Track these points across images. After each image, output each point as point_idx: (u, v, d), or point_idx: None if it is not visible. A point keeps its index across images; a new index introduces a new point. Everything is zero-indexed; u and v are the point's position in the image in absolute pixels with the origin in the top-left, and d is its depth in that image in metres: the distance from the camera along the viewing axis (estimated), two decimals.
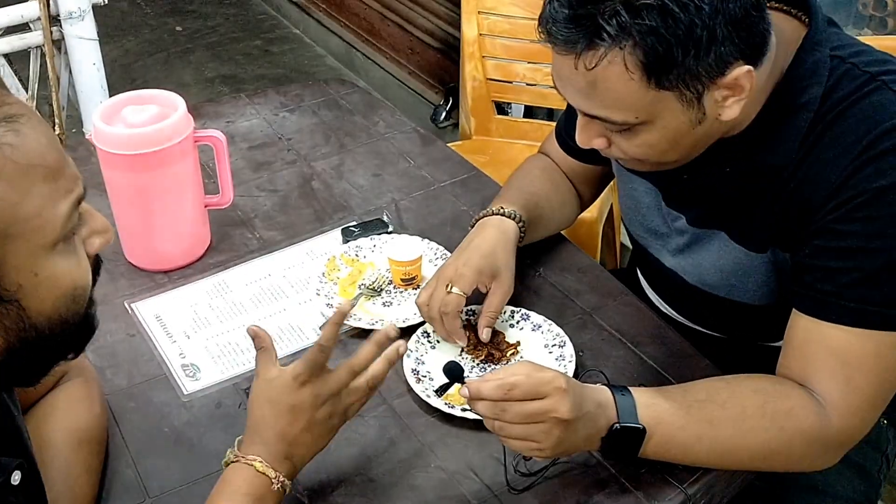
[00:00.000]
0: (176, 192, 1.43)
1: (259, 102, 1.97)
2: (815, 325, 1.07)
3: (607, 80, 1.01)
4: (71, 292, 0.80)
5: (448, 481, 1.13)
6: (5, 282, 0.74)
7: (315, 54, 4.30)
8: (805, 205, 1.08)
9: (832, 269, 1.06)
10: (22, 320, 0.77)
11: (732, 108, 1.05)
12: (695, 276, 1.29)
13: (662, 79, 1.00)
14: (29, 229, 0.74)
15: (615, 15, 0.97)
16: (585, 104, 1.07)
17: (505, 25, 2.46)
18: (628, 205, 1.37)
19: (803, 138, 1.09)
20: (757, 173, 1.13)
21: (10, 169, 0.73)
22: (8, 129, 0.73)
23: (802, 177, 1.09)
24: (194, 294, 1.43)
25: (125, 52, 4.32)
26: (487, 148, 2.52)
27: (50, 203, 0.76)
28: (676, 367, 1.27)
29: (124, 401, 1.25)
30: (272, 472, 1.01)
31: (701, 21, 0.97)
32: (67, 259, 0.79)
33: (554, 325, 1.32)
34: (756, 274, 1.21)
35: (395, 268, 1.42)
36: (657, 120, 1.05)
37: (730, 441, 1.06)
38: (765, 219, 1.14)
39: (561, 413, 0.99)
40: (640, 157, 1.11)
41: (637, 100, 1.02)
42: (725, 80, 1.02)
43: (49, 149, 0.77)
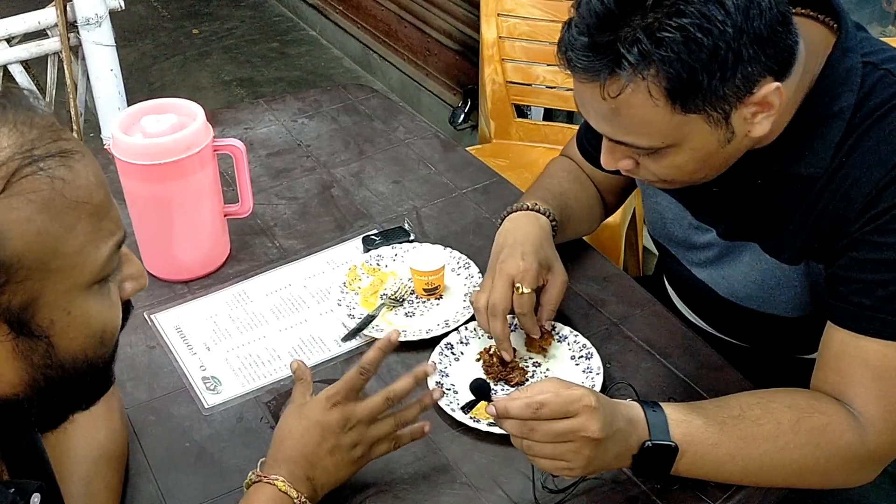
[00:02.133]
0: (195, 201, 1.42)
1: (277, 108, 1.95)
2: (851, 338, 1.05)
3: (631, 108, 0.98)
4: (100, 335, 0.79)
5: (474, 498, 1.10)
6: (38, 317, 0.74)
7: (332, 56, 4.28)
8: (840, 216, 1.06)
9: (868, 282, 1.03)
10: (49, 357, 0.76)
11: (762, 123, 1.02)
12: (726, 289, 1.26)
13: (688, 103, 0.97)
14: (69, 266, 0.74)
15: (636, 42, 0.94)
16: (610, 130, 1.04)
17: (524, 27, 2.43)
18: (653, 217, 1.34)
19: (837, 147, 1.06)
20: (789, 184, 1.10)
21: (59, 203, 0.72)
22: (61, 163, 0.73)
23: (837, 187, 1.06)
24: (214, 305, 1.42)
25: (142, 55, 4.32)
26: (508, 151, 2.50)
27: (92, 243, 0.75)
28: (707, 379, 1.24)
29: (145, 414, 1.24)
30: (294, 491, 1.01)
31: (725, 43, 0.94)
32: (101, 301, 0.78)
33: (580, 335, 1.30)
34: (789, 286, 1.18)
35: (418, 278, 1.40)
36: (685, 142, 1.02)
37: (764, 458, 1.03)
38: (798, 230, 1.12)
39: (591, 432, 0.97)
40: (669, 178, 1.09)
41: (663, 125, 0.99)
42: (754, 98, 0.99)
43: (97, 188, 0.76)
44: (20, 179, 0.70)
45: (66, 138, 0.75)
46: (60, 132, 0.75)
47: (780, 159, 1.09)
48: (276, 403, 1.25)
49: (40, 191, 0.71)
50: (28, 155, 0.71)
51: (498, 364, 1.25)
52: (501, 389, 1.24)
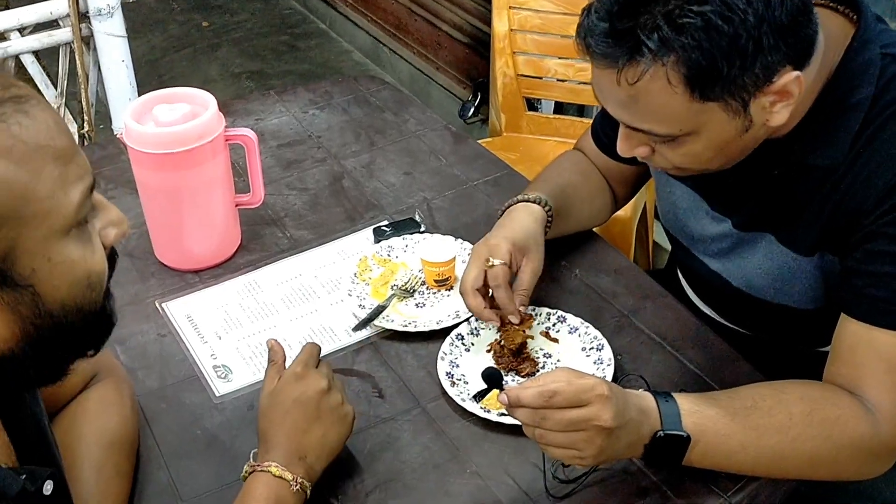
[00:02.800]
0: (206, 191, 1.42)
1: (288, 100, 1.95)
2: (865, 330, 1.04)
3: (649, 95, 0.98)
4: (86, 279, 0.79)
5: (484, 487, 1.10)
6: (19, 266, 0.74)
7: (342, 49, 4.28)
8: (856, 208, 1.05)
9: (884, 274, 1.03)
10: (37, 307, 0.76)
11: (781, 113, 1.02)
12: (740, 280, 1.26)
13: (707, 91, 0.97)
14: (41, 212, 0.74)
15: (656, 29, 0.94)
16: (627, 117, 1.04)
17: (536, 20, 2.43)
18: (667, 209, 1.33)
19: (854, 139, 1.05)
20: (806, 175, 1.10)
21: (20, 149, 0.72)
22: (16, 109, 0.73)
23: (853, 179, 1.06)
24: (225, 294, 1.42)
25: (152, 47, 4.33)
26: (518, 145, 2.50)
27: (61, 187, 0.75)
28: (719, 371, 1.24)
29: (156, 402, 1.24)
30: (289, 474, 1.01)
31: (746, 32, 0.93)
32: (82, 246, 0.78)
33: (591, 327, 1.29)
34: (803, 277, 1.17)
35: (429, 269, 1.40)
36: (702, 130, 1.02)
37: (776, 449, 1.03)
38: (814, 221, 1.11)
39: (604, 421, 0.96)
40: (685, 165, 1.09)
41: (681, 113, 0.99)
42: (773, 88, 0.99)
43: (58, 132, 0.76)
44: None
45: (18, 86, 0.75)
46: (11, 81, 0.75)
47: (797, 150, 1.09)
48: None
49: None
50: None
51: (509, 355, 1.25)
52: (512, 380, 1.24)
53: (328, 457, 1.07)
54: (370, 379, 1.27)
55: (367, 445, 1.16)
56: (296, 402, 1.05)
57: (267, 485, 1.01)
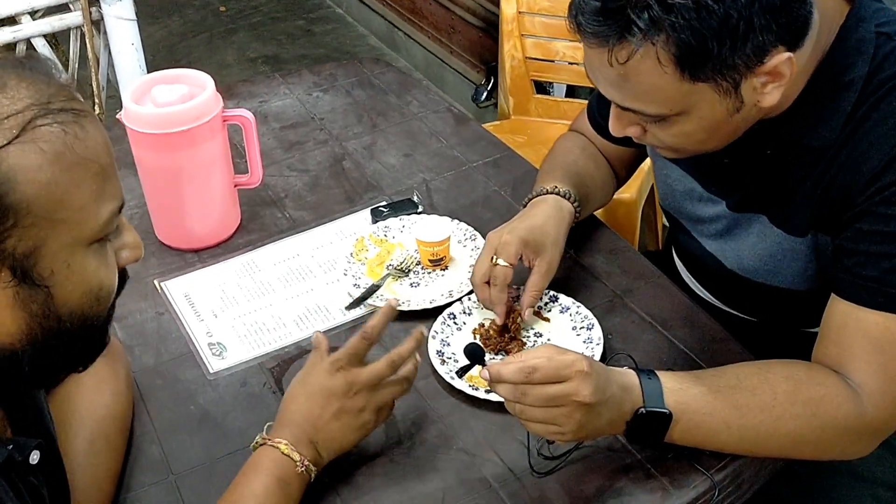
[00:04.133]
0: (205, 171, 1.43)
1: (293, 82, 1.96)
2: (853, 310, 1.04)
3: (639, 74, 0.98)
4: (97, 291, 0.83)
5: (470, 463, 1.11)
6: (40, 266, 0.77)
7: (357, 34, 4.28)
8: (848, 187, 1.05)
9: (873, 254, 1.02)
10: (48, 308, 0.79)
11: (772, 94, 1.01)
12: (734, 261, 1.25)
13: (697, 71, 0.96)
14: (73, 220, 0.78)
15: (646, 8, 0.93)
16: (618, 96, 1.04)
17: (545, 3, 2.42)
18: (664, 190, 1.34)
19: (847, 118, 1.05)
20: (799, 155, 1.09)
21: (69, 157, 0.76)
22: (74, 120, 0.77)
23: (846, 159, 1.05)
24: (223, 273, 1.44)
25: (169, 32, 4.35)
26: (526, 128, 2.50)
27: (95, 202, 0.79)
28: (708, 351, 1.24)
29: (152, 378, 1.26)
30: (297, 454, 1.02)
31: (737, 11, 0.92)
32: (99, 260, 0.82)
33: (582, 307, 1.30)
34: (796, 258, 1.17)
35: (423, 248, 1.41)
36: (693, 111, 1.01)
37: (759, 428, 1.03)
38: (807, 201, 1.11)
39: (582, 396, 0.97)
40: (676, 146, 1.09)
41: (671, 93, 0.99)
42: (764, 68, 0.98)
43: (105, 151, 0.81)
44: (35, 128, 0.74)
45: (80, 100, 0.80)
46: (75, 95, 0.79)
47: (790, 129, 1.09)
48: (280, 370, 1.27)
49: (53, 142, 0.75)
50: (44, 107, 0.75)
51: (496, 336, 1.26)
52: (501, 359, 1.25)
53: (335, 453, 1.08)
54: None
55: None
56: (322, 391, 1.06)
57: (273, 460, 1.02)
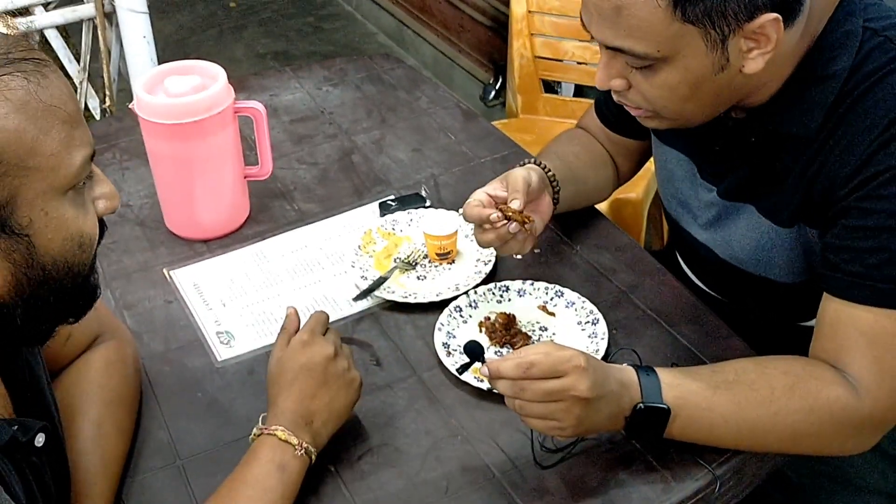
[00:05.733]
0: (216, 162, 1.45)
1: (303, 76, 1.97)
2: (844, 306, 1.05)
3: (633, 7, 0.99)
4: (78, 238, 0.84)
5: (474, 454, 1.13)
6: (17, 214, 0.79)
7: (366, 31, 4.30)
8: (830, 180, 1.06)
9: (859, 250, 1.03)
10: (31, 257, 0.81)
11: (756, 60, 1.02)
12: (725, 251, 1.27)
13: (689, 11, 0.98)
14: (45, 167, 0.79)
15: None
16: (610, 33, 1.04)
17: (555, 2, 2.43)
18: (663, 176, 1.35)
19: (830, 111, 1.06)
20: (783, 144, 1.11)
21: (35, 105, 0.78)
22: (37, 69, 0.79)
23: (829, 151, 1.07)
24: (231, 263, 1.45)
25: (179, 27, 4.37)
26: (533, 127, 2.51)
27: (66, 148, 0.81)
28: (711, 347, 1.25)
29: (160, 365, 1.27)
30: (294, 439, 1.04)
31: None
32: (77, 208, 0.84)
33: (587, 301, 1.31)
34: (783, 249, 1.18)
35: (431, 242, 1.42)
36: (679, 58, 1.02)
37: (758, 423, 1.04)
38: (792, 192, 1.12)
39: (580, 391, 0.98)
40: (659, 102, 1.09)
41: (662, 30, 1.00)
42: (752, 26, 0.99)
43: (69, 98, 0.82)
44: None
45: (39, 52, 0.81)
46: (33, 47, 0.81)
47: (772, 118, 1.10)
48: None
49: (17, 90, 0.77)
50: (5, 57, 0.77)
51: (501, 329, 1.27)
52: (507, 352, 1.26)
53: (335, 422, 1.09)
54: (369, 348, 1.29)
55: (362, 411, 1.18)
56: (303, 368, 1.08)
57: (272, 448, 1.03)
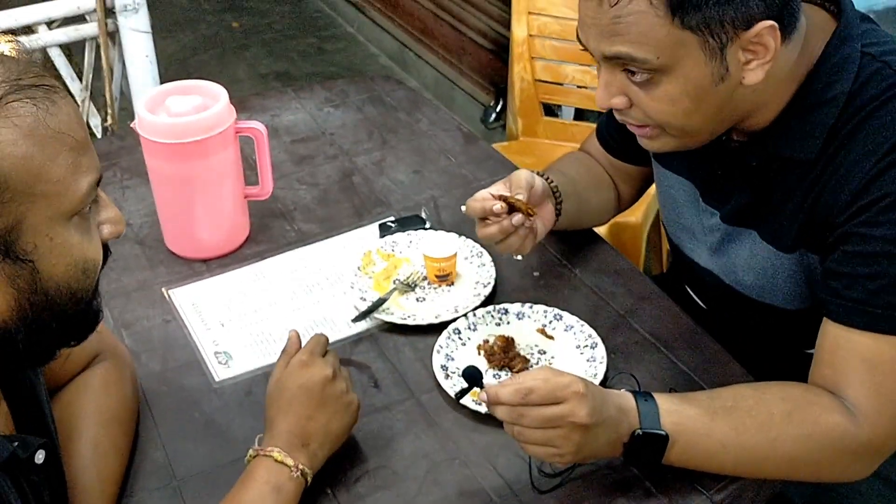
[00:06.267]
0: (216, 181, 1.45)
1: (305, 97, 1.98)
2: (844, 332, 1.05)
3: (631, 15, 1.00)
4: (82, 264, 0.84)
5: (471, 478, 1.12)
6: (22, 240, 0.79)
7: (368, 53, 4.32)
8: (830, 206, 1.07)
9: (859, 276, 1.04)
10: (34, 283, 0.81)
11: (756, 71, 1.03)
12: (730, 276, 1.27)
13: (687, 18, 0.98)
14: (51, 193, 0.79)
15: None
16: (608, 43, 1.03)
17: (555, 27, 2.45)
18: (666, 203, 1.35)
19: (829, 137, 1.07)
20: (784, 169, 1.12)
21: (43, 132, 0.78)
22: (45, 95, 0.79)
23: (829, 178, 1.07)
24: (230, 283, 1.45)
25: (182, 46, 4.39)
26: (534, 149, 2.51)
27: (72, 174, 0.81)
28: (710, 373, 1.25)
29: (157, 385, 1.27)
30: (290, 460, 1.03)
31: None
32: (81, 234, 0.84)
33: (586, 325, 1.31)
34: (785, 276, 1.19)
35: (430, 264, 1.42)
36: (679, 67, 1.02)
37: (756, 449, 1.04)
38: (793, 217, 1.13)
39: (579, 418, 0.98)
40: (662, 117, 1.08)
41: (660, 37, 1.00)
42: (749, 35, 1.00)
43: (78, 124, 0.82)
44: (7, 105, 0.76)
45: (49, 76, 0.81)
46: (44, 71, 0.81)
47: (773, 142, 1.11)
48: None
49: (25, 116, 0.77)
50: (15, 83, 0.77)
51: (500, 352, 1.27)
52: (506, 376, 1.26)
53: (332, 444, 1.09)
54: (367, 369, 1.29)
55: (359, 433, 1.18)
56: (300, 389, 1.08)
57: (268, 470, 1.03)
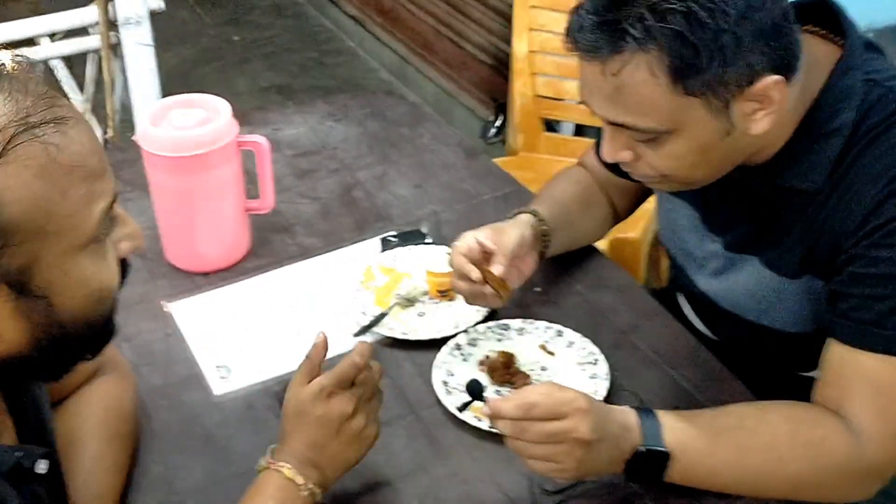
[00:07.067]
0: (218, 195, 1.45)
1: (307, 111, 1.98)
2: (850, 353, 1.05)
3: (633, 85, 0.99)
4: (98, 294, 0.82)
5: (473, 494, 1.12)
6: (37, 278, 0.77)
7: (368, 67, 4.33)
8: (838, 231, 1.06)
9: (866, 297, 1.03)
10: (50, 316, 0.79)
11: (762, 121, 1.03)
12: (728, 301, 1.27)
13: (689, 84, 0.98)
14: (64, 229, 0.77)
15: (640, 19, 0.96)
16: (612, 111, 1.04)
17: (556, 42, 2.41)
18: (667, 224, 1.35)
19: (836, 163, 1.06)
20: (790, 199, 1.11)
21: (54, 169, 0.75)
22: (56, 130, 0.76)
23: (836, 203, 1.07)
24: (231, 297, 1.45)
25: (183, 59, 4.40)
26: (534, 164, 2.52)
27: (85, 205, 0.78)
28: (711, 390, 1.24)
29: (157, 398, 1.27)
30: (300, 478, 1.02)
31: (728, 27, 0.95)
32: (97, 261, 0.81)
33: (588, 342, 1.31)
34: (789, 300, 1.18)
35: (432, 279, 1.42)
36: (684, 129, 1.02)
37: (758, 469, 1.04)
38: (798, 245, 1.12)
39: (581, 433, 0.97)
40: (668, 171, 1.09)
41: (663, 105, 1.00)
42: (754, 90, 1.00)
43: (91, 153, 0.79)
44: (16, 146, 0.73)
45: (61, 105, 0.78)
46: (55, 100, 0.78)
47: (777, 173, 1.10)
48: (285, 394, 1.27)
49: (36, 157, 0.74)
50: (23, 122, 0.74)
51: (501, 368, 1.27)
52: (507, 391, 1.25)
53: (344, 470, 1.07)
54: None
55: None
56: (318, 420, 1.04)
57: (277, 486, 1.02)
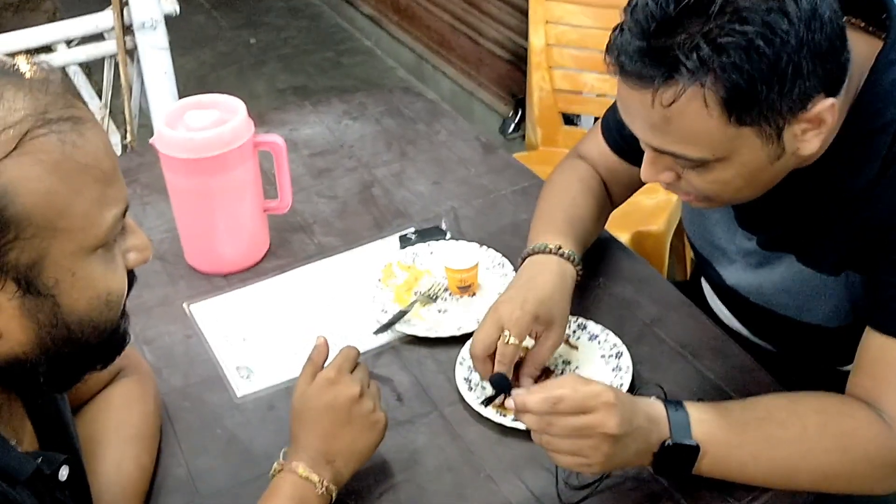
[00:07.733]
0: (235, 196, 1.44)
1: (323, 110, 1.98)
2: (889, 342, 1.02)
3: (684, 117, 0.95)
4: (105, 297, 0.82)
5: (497, 491, 1.11)
6: (44, 275, 0.76)
7: (386, 66, 4.32)
8: (883, 226, 1.03)
9: None
10: (55, 317, 0.79)
11: (812, 141, 0.99)
12: (759, 297, 1.24)
13: (743, 115, 0.94)
14: (75, 228, 0.77)
15: (695, 49, 0.91)
16: (657, 140, 1.00)
17: (573, 35, 2.43)
18: (694, 219, 1.32)
19: (883, 161, 1.02)
20: (831, 198, 1.08)
21: (68, 166, 0.76)
22: (72, 128, 0.77)
23: (879, 198, 1.03)
24: (251, 297, 1.44)
25: (200, 63, 4.41)
26: (554, 159, 2.46)
27: (98, 208, 0.78)
28: (738, 381, 1.23)
29: (179, 400, 1.26)
30: (315, 476, 1.02)
31: (787, 55, 0.90)
32: (105, 265, 0.81)
33: (612, 334, 1.29)
34: (827, 296, 1.15)
35: (451, 275, 1.41)
36: (734, 156, 0.99)
37: (788, 462, 1.02)
38: (839, 240, 1.09)
39: (609, 428, 0.96)
40: (712, 194, 1.05)
41: (715, 137, 0.96)
42: (807, 115, 0.96)
43: (106, 156, 0.80)
44: (32, 139, 0.73)
45: (78, 107, 0.79)
46: (73, 101, 0.79)
47: (825, 175, 1.06)
48: None
49: (51, 152, 0.74)
50: (41, 117, 0.74)
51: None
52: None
53: (357, 462, 1.07)
54: (389, 382, 1.28)
55: (383, 447, 1.15)
56: (327, 407, 1.05)
57: (293, 485, 1.02)
